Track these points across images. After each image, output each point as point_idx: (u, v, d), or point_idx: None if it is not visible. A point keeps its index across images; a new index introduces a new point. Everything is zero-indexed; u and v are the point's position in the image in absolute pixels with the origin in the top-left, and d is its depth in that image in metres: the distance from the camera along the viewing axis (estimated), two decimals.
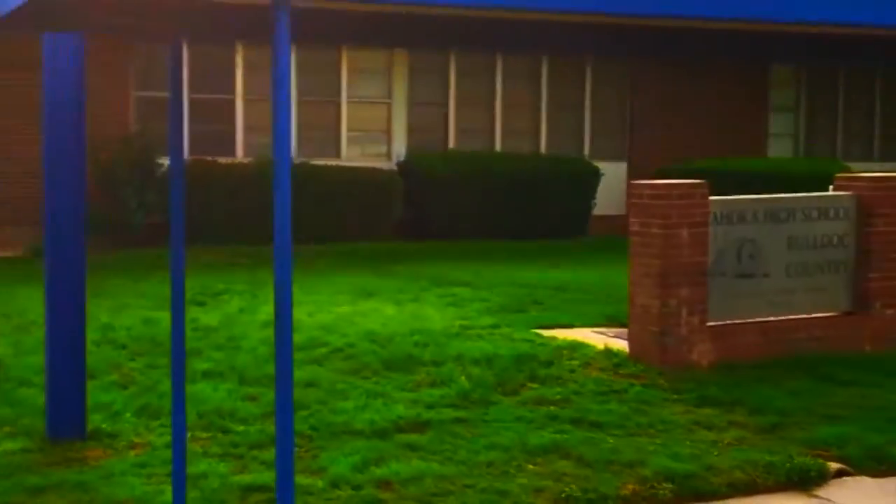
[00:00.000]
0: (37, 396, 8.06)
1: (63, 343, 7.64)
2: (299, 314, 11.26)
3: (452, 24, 4.56)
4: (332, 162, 19.10)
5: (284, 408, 4.41)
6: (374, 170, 19.15)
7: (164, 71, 17.91)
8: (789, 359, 9.48)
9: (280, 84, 4.25)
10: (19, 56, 13.59)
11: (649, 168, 18.49)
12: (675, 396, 8.54)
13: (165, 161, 17.77)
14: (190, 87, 18.64)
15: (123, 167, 17.26)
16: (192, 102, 18.78)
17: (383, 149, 20.38)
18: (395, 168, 19.62)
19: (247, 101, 19.22)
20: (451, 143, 20.76)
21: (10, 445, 7.27)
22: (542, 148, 21.52)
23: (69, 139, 7.51)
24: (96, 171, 16.89)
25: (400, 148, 20.24)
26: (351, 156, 19.91)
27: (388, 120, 20.35)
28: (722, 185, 11.12)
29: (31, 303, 10.65)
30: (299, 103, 19.47)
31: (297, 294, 12.02)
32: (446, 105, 20.76)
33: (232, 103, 19.21)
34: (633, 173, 20.50)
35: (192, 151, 18.46)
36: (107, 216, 16.59)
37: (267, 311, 11.55)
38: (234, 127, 19.30)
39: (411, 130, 20.46)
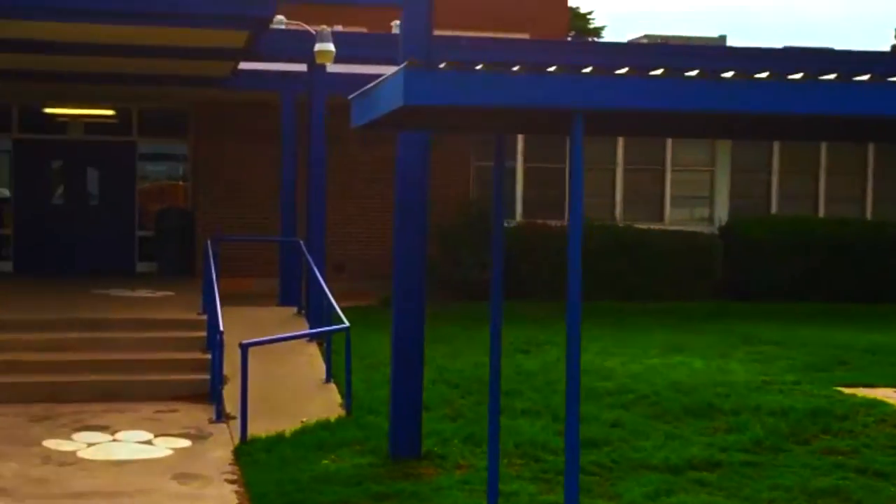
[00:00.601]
0: (382, 423, 9.39)
1: (404, 380, 8.95)
2: (612, 364, 12.22)
3: (767, 121, 5.03)
4: (655, 226, 19.91)
5: (572, 436, 5.40)
6: (695, 234, 19.76)
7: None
8: None
9: (575, 174, 5.30)
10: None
11: None
12: None
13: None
14: (525, 157, 20.12)
15: (463, 229, 18.80)
16: (526, 171, 20.22)
17: (705, 213, 20.93)
18: (716, 232, 20.12)
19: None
20: (773, 209, 20.99)
21: (359, 460, 8.62)
22: (868, 214, 21.30)
23: (415, 208, 8.88)
24: (439, 233, 18.60)
25: (722, 213, 20.72)
26: (674, 220, 20.62)
27: (711, 186, 20.90)
28: None
29: (381, 346, 12.11)
30: (625, 171, 20.46)
31: (613, 346, 13.05)
32: (769, 171, 21.06)
33: (562, 171, 20.41)
34: None
35: (525, 215, 19.90)
36: (447, 273, 18.22)
37: (583, 360, 12.48)
38: (564, 193, 20.49)
39: (733, 196, 20.90)
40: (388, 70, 5.36)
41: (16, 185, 19.65)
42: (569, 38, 47.75)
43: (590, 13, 52.04)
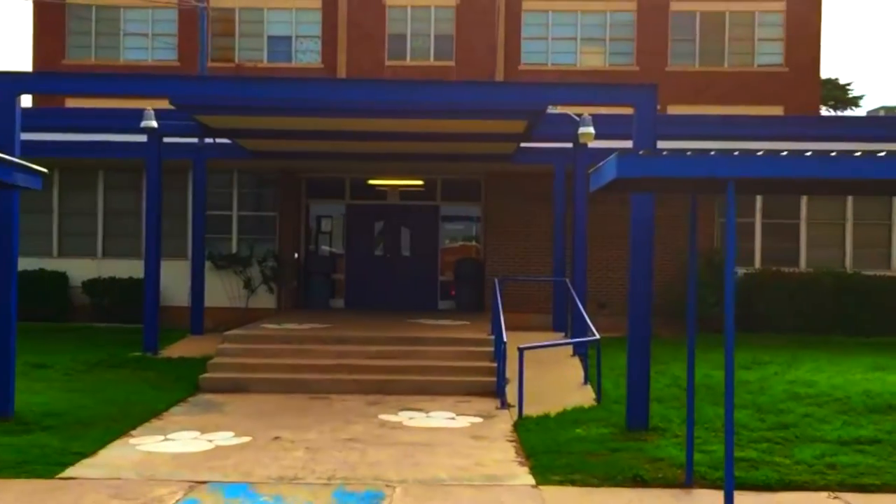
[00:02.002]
0: (623, 409, 11.78)
1: (635, 381, 11.36)
2: (819, 378, 14.13)
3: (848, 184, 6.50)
4: (882, 272, 21.27)
5: (729, 421, 7.73)
6: None
7: (742, 204, 21.42)
8: None
9: (729, 225, 7.72)
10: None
11: None
12: None
13: (741, 270, 21.20)
14: (763, 214, 21.94)
15: (705, 274, 20.89)
16: (764, 226, 22.01)
17: None
18: None
19: (809, 224, 22.02)
20: None
21: (602, 430, 11.10)
22: None
23: (644, 256, 11.33)
24: (683, 279, 20.74)
25: None
26: None
27: None
28: None
29: (619, 361, 14.52)
30: (854, 226, 21.90)
31: (825, 366, 15.06)
32: None
33: (796, 226, 22.08)
34: None
35: (762, 262, 21.73)
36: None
37: (795, 374, 14.51)
38: (799, 244, 22.14)
39: None
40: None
41: (347, 241, 23.34)
42: (824, 110, 48.43)
43: (848, 84, 52.21)
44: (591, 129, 15.59)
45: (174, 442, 10.78)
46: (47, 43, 36.70)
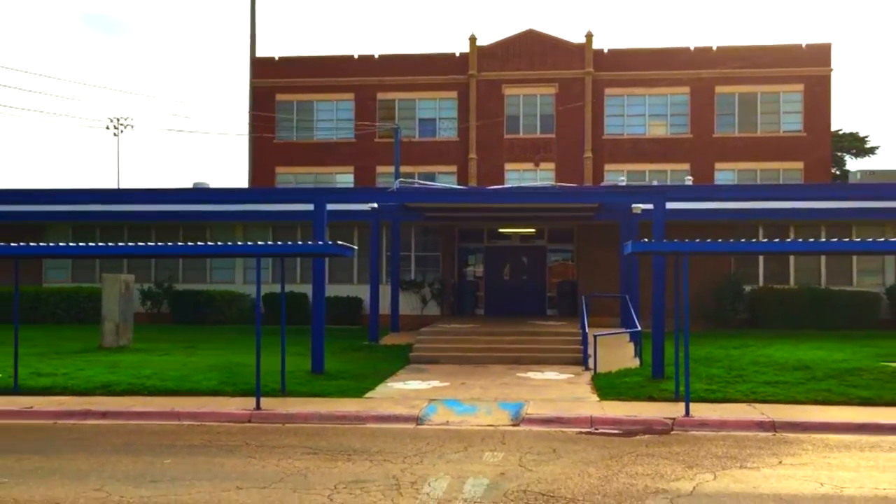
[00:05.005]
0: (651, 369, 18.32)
1: (656, 350, 17.84)
2: (776, 353, 20.29)
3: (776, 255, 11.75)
4: (846, 287, 27.14)
5: (686, 365, 14.28)
6: (868, 292, 26.74)
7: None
8: None
9: (684, 284, 14.36)
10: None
11: None
12: None
13: (747, 287, 27.32)
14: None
15: (725, 290, 27.09)
16: (766, 256, 28.06)
17: (879, 279, 27.73)
18: (883, 291, 26.99)
19: (796, 258, 28.02)
20: None
21: (639, 378, 17.50)
22: None
23: (661, 285, 17.78)
24: (712, 292, 27.00)
25: (889, 279, 27.50)
26: (859, 283, 27.63)
27: (883, 262, 27.70)
28: None
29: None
30: (828, 255, 27.83)
31: (785, 347, 22.30)
32: None
33: (787, 258, 28.09)
34: None
35: (764, 282, 27.79)
36: (715, 314, 26.58)
37: (763, 352, 20.70)
38: (789, 268, 28.14)
39: None
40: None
41: (485, 269, 30.20)
42: (848, 158, 53.08)
43: (866, 136, 56.38)
44: (641, 206, 22.14)
45: (410, 385, 17.73)
46: (261, 130, 44.55)
